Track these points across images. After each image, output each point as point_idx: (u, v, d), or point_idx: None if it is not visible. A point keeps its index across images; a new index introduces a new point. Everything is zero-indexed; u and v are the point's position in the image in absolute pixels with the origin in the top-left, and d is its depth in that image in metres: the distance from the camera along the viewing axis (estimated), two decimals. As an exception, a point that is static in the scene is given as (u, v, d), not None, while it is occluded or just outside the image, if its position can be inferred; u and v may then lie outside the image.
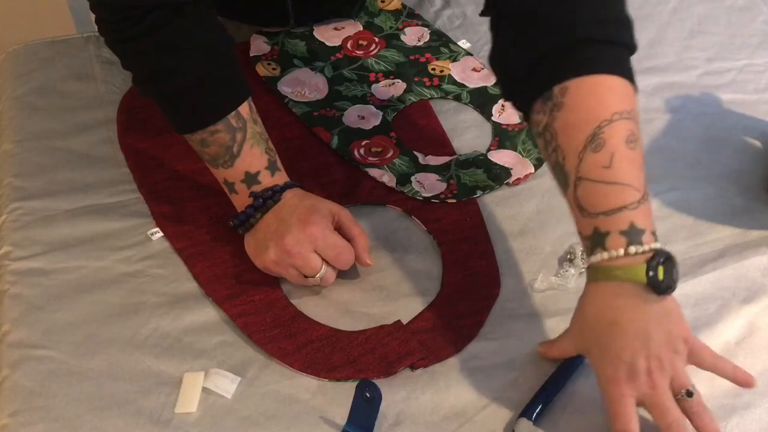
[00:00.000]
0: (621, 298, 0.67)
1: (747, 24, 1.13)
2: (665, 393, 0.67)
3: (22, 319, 0.79)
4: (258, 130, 0.82)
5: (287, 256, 0.78)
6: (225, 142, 0.80)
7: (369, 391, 0.67)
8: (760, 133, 0.98)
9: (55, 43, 1.08)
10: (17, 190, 0.90)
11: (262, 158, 0.82)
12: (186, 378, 0.74)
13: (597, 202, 0.68)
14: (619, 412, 0.66)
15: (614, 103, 0.69)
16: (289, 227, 0.78)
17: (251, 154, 0.81)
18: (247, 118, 0.81)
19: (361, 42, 1.06)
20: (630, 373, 0.66)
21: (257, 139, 0.82)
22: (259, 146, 0.82)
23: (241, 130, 0.81)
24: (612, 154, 0.67)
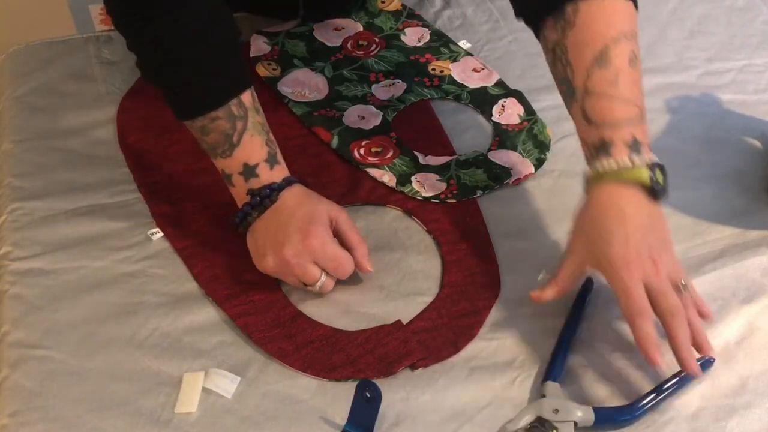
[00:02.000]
0: (624, 198, 0.73)
1: (747, 24, 1.13)
2: (666, 280, 0.72)
3: (22, 319, 0.79)
4: (260, 120, 0.81)
5: (286, 266, 0.78)
6: (225, 130, 0.79)
7: (369, 391, 0.67)
8: (760, 133, 0.98)
9: (55, 44, 1.08)
10: (17, 190, 0.90)
11: (261, 149, 0.80)
12: (186, 378, 0.74)
13: (604, 114, 0.74)
14: (632, 294, 0.70)
15: (620, 25, 0.77)
16: (288, 237, 0.78)
17: (251, 144, 0.80)
18: (248, 107, 0.80)
19: (362, 42, 1.06)
20: (638, 254, 0.71)
21: (258, 129, 0.81)
22: (259, 136, 0.80)
23: (241, 119, 0.79)
24: (617, 72, 0.75)
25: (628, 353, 0.76)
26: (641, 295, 0.71)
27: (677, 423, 0.71)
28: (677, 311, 0.70)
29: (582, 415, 0.70)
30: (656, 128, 0.98)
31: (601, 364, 0.76)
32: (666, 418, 0.72)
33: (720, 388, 0.74)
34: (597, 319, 0.79)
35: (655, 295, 0.71)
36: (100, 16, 1.78)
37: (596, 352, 0.77)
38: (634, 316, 0.70)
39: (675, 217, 0.88)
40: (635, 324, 0.70)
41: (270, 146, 0.82)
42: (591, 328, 0.78)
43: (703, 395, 0.74)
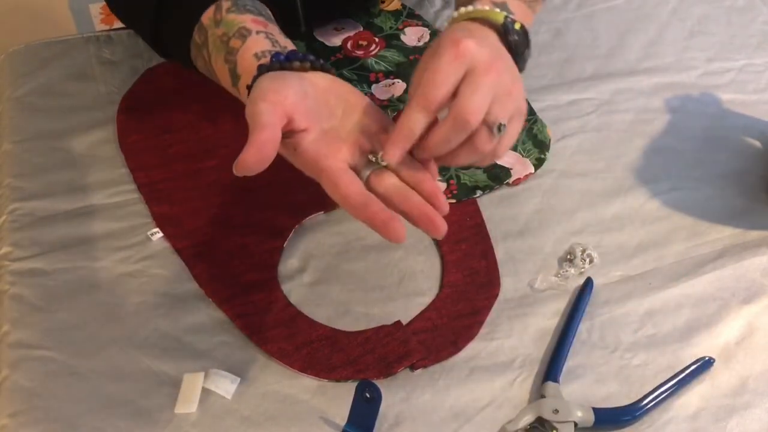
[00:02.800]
0: (474, 28, 0.64)
1: (747, 24, 1.13)
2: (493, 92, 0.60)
3: (22, 319, 0.79)
4: (219, 33, 0.69)
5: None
6: (204, 67, 0.72)
7: (369, 392, 0.67)
8: (760, 133, 0.98)
9: (55, 44, 1.08)
10: (17, 190, 0.90)
11: (224, 70, 0.69)
12: (186, 378, 0.74)
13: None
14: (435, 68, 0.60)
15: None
16: None
17: (220, 71, 0.70)
18: (208, 26, 0.70)
19: (361, 42, 1.06)
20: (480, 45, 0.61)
21: (217, 46, 0.69)
22: (219, 55, 0.69)
23: (205, 46, 0.70)
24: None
25: (628, 353, 0.77)
26: (446, 81, 0.59)
27: (677, 423, 0.72)
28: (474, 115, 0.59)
29: (582, 415, 0.70)
30: (656, 128, 0.98)
31: (601, 364, 0.76)
32: (666, 418, 0.72)
33: (720, 388, 0.74)
34: (597, 319, 0.79)
35: (465, 90, 0.59)
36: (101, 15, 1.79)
37: (596, 352, 0.77)
38: (416, 100, 0.60)
39: (675, 217, 0.88)
40: (409, 110, 0.60)
41: (229, 61, 0.68)
42: (591, 328, 0.78)
43: (703, 395, 0.74)
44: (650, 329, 0.78)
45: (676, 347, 0.77)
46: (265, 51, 0.66)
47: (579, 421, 0.70)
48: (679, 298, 0.81)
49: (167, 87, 1.00)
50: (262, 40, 0.68)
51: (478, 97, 0.59)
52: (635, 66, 1.06)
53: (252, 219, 0.87)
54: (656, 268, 0.84)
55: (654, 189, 0.91)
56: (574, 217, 0.88)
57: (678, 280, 0.82)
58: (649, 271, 0.83)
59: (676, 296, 0.81)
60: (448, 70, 0.59)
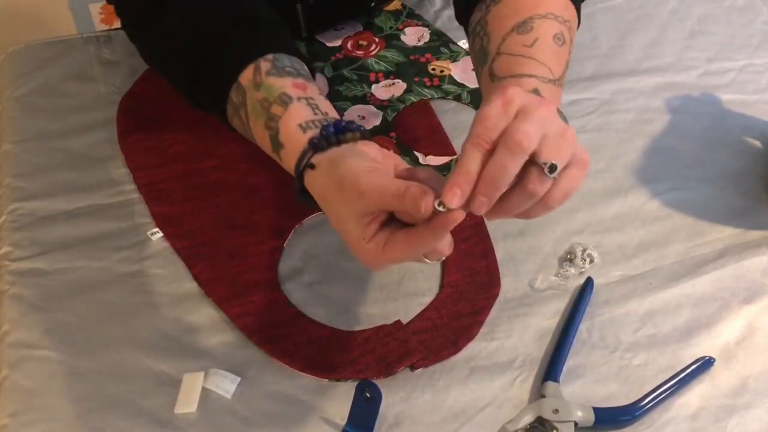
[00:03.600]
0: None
1: (747, 24, 1.13)
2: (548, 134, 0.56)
3: (22, 319, 0.79)
4: (259, 97, 0.68)
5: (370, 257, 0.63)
6: (241, 127, 0.71)
7: (369, 392, 0.67)
8: (760, 133, 0.98)
9: (55, 44, 1.08)
10: (17, 190, 0.90)
11: (263, 135, 0.68)
12: (186, 378, 0.74)
13: (512, 68, 0.66)
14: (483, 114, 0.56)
15: (552, 6, 0.69)
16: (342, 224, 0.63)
17: (259, 134, 0.69)
18: (246, 87, 0.69)
19: (361, 42, 1.06)
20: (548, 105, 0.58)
21: (257, 111, 0.68)
22: (259, 120, 0.68)
23: (243, 106, 0.69)
24: (537, 39, 0.67)
25: (628, 353, 0.77)
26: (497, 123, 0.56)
27: (677, 423, 0.72)
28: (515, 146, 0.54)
29: (582, 415, 0.70)
30: (656, 128, 0.98)
31: (601, 364, 0.76)
32: (666, 418, 0.72)
33: (720, 388, 0.74)
34: (597, 319, 0.79)
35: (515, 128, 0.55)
36: (101, 15, 1.78)
37: (596, 352, 0.77)
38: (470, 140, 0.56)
39: (675, 217, 0.88)
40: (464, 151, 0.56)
41: (270, 127, 0.67)
42: (591, 328, 0.78)
43: (703, 395, 0.74)
44: (650, 329, 0.78)
45: (677, 347, 0.77)
46: (308, 121, 0.66)
47: (579, 420, 0.70)
48: (679, 298, 0.81)
49: (167, 87, 1.00)
50: (303, 109, 0.67)
51: (527, 124, 0.55)
52: (635, 66, 1.06)
53: (252, 219, 0.87)
54: (656, 268, 0.84)
55: (654, 189, 0.91)
56: (574, 217, 0.88)
57: (678, 280, 0.82)
58: (650, 271, 0.83)
59: (676, 296, 0.81)
60: (499, 111, 0.56)
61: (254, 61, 0.69)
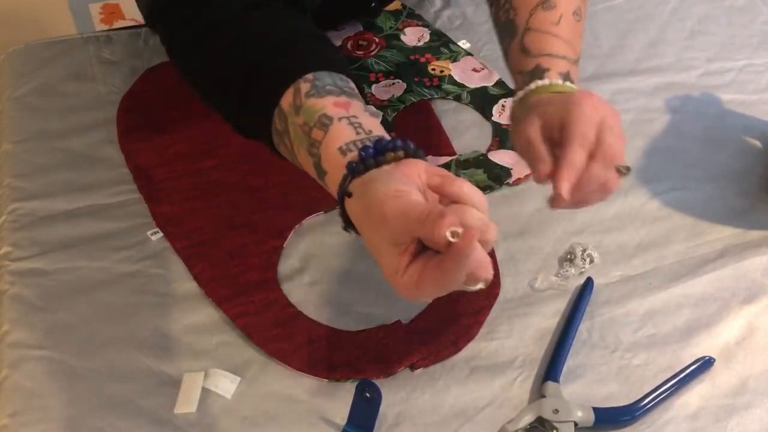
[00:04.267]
0: None
1: (747, 24, 1.13)
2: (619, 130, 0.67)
3: (22, 319, 0.79)
4: (300, 122, 0.64)
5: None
6: (288, 155, 0.68)
7: (369, 392, 0.67)
8: (760, 133, 0.98)
9: (55, 44, 1.08)
10: (17, 190, 0.90)
11: (307, 161, 0.64)
12: (186, 378, 0.74)
13: (542, 46, 0.75)
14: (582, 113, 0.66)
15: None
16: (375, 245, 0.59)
17: (304, 160, 0.65)
18: (288, 113, 0.65)
19: (361, 42, 1.06)
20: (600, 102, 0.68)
21: (299, 137, 0.64)
22: (302, 147, 0.64)
23: (286, 133, 0.66)
24: (561, 16, 0.76)
25: (628, 353, 0.77)
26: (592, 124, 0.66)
27: (677, 423, 0.72)
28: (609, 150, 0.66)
29: (582, 415, 0.70)
30: (656, 128, 0.98)
31: (601, 364, 0.76)
32: (666, 418, 0.72)
33: (720, 388, 0.74)
34: (597, 319, 0.79)
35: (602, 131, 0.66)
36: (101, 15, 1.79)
37: (596, 352, 0.77)
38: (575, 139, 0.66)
39: (675, 217, 0.88)
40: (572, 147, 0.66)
41: (313, 154, 0.63)
42: (591, 328, 0.78)
43: (703, 395, 0.74)
44: (650, 329, 0.78)
45: (677, 347, 0.77)
46: (349, 143, 0.61)
47: (579, 421, 0.70)
48: (679, 298, 0.81)
49: (167, 87, 1.00)
50: (344, 129, 0.62)
51: (615, 138, 0.66)
52: (635, 66, 1.06)
53: (252, 219, 0.87)
54: (656, 268, 0.84)
55: (654, 189, 0.91)
56: (574, 217, 0.88)
57: (678, 280, 0.82)
58: (650, 271, 0.83)
59: (676, 296, 0.81)
60: (593, 115, 0.66)
61: (294, 84, 0.65)
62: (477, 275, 0.54)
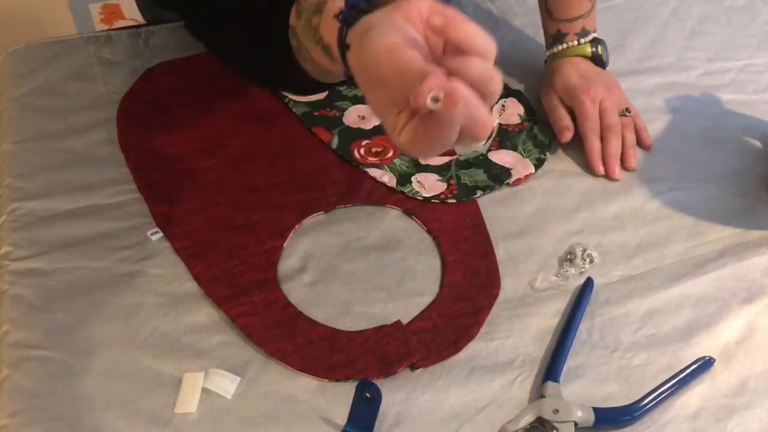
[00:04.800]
0: (576, 61, 0.99)
1: (747, 24, 1.13)
2: (615, 104, 0.96)
3: (22, 319, 0.79)
4: (303, 23, 0.65)
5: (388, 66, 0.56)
6: (312, 69, 0.68)
7: (369, 391, 0.67)
8: (760, 133, 0.98)
9: (55, 44, 1.08)
10: (17, 190, 0.90)
11: (317, 52, 0.64)
12: (186, 378, 0.74)
13: (564, 11, 0.99)
14: (588, 113, 0.95)
15: None
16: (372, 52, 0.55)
17: (319, 56, 0.64)
18: (295, 24, 0.66)
19: (361, 42, 1.06)
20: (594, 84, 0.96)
21: (308, 36, 0.64)
22: (312, 42, 0.64)
23: (300, 46, 0.67)
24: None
25: (628, 353, 0.77)
26: (595, 116, 0.95)
27: (677, 423, 0.72)
28: (615, 127, 0.94)
29: (582, 415, 0.70)
30: (656, 128, 0.98)
31: (601, 364, 0.76)
32: (666, 418, 0.72)
33: (720, 388, 0.74)
34: (597, 319, 0.79)
35: (602, 114, 0.95)
36: (101, 15, 1.79)
37: (596, 352, 0.77)
38: (588, 132, 0.94)
39: (675, 217, 0.88)
40: (588, 138, 0.94)
41: (319, 41, 0.63)
42: (591, 328, 0.78)
43: (703, 395, 0.74)
44: (650, 329, 0.78)
45: (677, 347, 0.77)
46: (340, 8, 0.59)
47: (579, 421, 0.70)
48: (679, 298, 0.81)
49: (167, 87, 1.00)
50: (338, 3, 0.60)
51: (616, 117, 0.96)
52: (635, 66, 1.06)
53: (252, 219, 0.87)
54: (656, 268, 0.84)
55: (654, 189, 0.91)
56: (574, 217, 0.88)
57: (678, 280, 0.82)
58: (650, 271, 0.83)
59: (676, 296, 0.81)
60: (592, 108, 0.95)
61: (295, 3, 0.66)
62: (474, 134, 0.52)
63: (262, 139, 0.94)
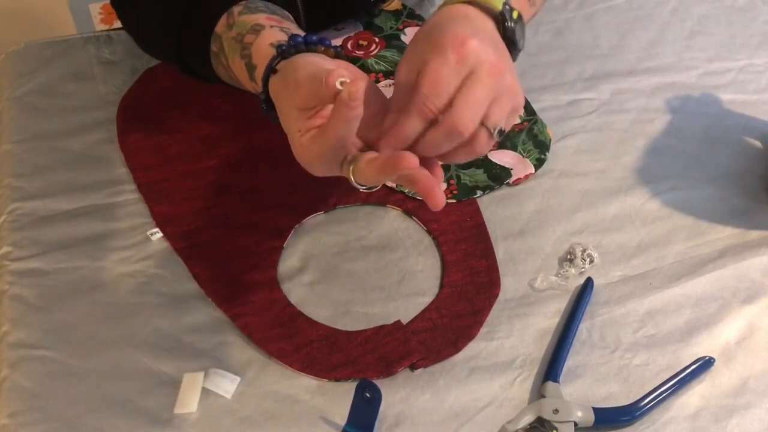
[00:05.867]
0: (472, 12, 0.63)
1: (747, 24, 1.13)
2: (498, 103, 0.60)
3: (21, 319, 0.79)
4: (233, 35, 0.69)
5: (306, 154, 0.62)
6: (224, 75, 0.74)
7: (369, 392, 0.67)
8: (760, 133, 0.98)
9: (55, 44, 1.08)
10: (17, 190, 0.90)
11: (242, 69, 0.68)
12: (186, 378, 0.74)
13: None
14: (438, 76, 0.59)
15: None
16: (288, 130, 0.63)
17: (239, 71, 0.70)
18: (221, 33, 0.71)
19: (361, 42, 1.06)
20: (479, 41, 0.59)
21: (233, 48, 0.69)
22: (236, 55, 0.69)
23: (222, 52, 0.71)
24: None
25: (628, 353, 0.77)
26: (449, 89, 0.58)
27: (677, 423, 0.72)
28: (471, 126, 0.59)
29: (582, 415, 0.70)
30: (656, 128, 0.98)
31: (601, 364, 0.76)
32: (666, 418, 0.72)
33: (720, 388, 0.74)
34: (597, 319, 0.79)
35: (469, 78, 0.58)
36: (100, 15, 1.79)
37: (596, 352, 0.77)
38: (418, 106, 0.60)
39: (675, 217, 0.88)
40: (410, 116, 0.60)
41: (245, 56, 0.67)
42: (591, 328, 0.78)
43: (703, 395, 0.74)
44: (650, 329, 0.78)
45: (677, 347, 0.77)
46: (281, 41, 0.64)
47: (579, 421, 0.70)
48: (679, 298, 0.81)
49: (167, 87, 1.00)
50: (276, 33, 0.66)
51: (475, 107, 0.58)
52: (635, 66, 1.06)
53: (252, 219, 0.87)
54: (656, 268, 0.84)
55: (654, 189, 0.91)
56: (574, 217, 0.88)
57: (678, 280, 0.82)
58: (650, 271, 0.83)
59: (676, 296, 0.81)
60: (451, 74, 0.58)
61: (227, 12, 0.72)
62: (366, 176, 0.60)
63: (262, 139, 0.94)
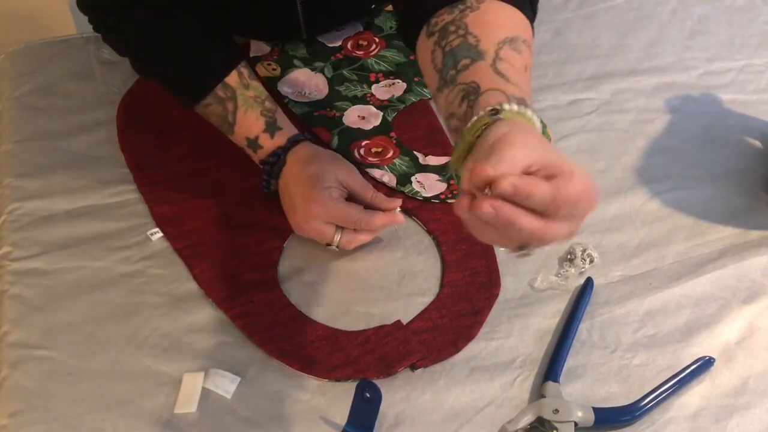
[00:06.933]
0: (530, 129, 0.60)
1: (747, 24, 1.13)
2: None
3: (22, 319, 0.79)
4: (251, 95, 0.85)
5: (302, 231, 0.83)
6: (219, 113, 0.85)
7: (369, 392, 0.67)
8: (760, 133, 0.98)
9: (55, 43, 1.08)
10: (17, 190, 0.90)
11: (258, 122, 0.85)
12: (186, 378, 0.74)
13: (520, 84, 0.65)
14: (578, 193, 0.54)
15: (524, 31, 0.71)
16: (295, 204, 0.81)
17: (246, 120, 0.85)
18: (235, 86, 0.85)
19: (361, 42, 1.06)
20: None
21: (250, 104, 0.85)
22: (253, 110, 0.85)
23: (230, 100, 0.85)
24: (525, 66, 0.68)
25: (628, 353, 0.77)
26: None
27: (677, 423, 0.72)
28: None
29: (582, 415, 0.70)
30: (656, 128, 0.98)
31: (601, 364, 0.76)
32: (666, 418, 0.72)
33: (720, 388, 0.74)
34: (597, 319, 0.79)
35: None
36: (100, 16, 1.78)
37: (596, 352, 0.77)
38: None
39: (675, 217, 0.88)
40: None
41: (267, 116, 0.85)
42: (591, 328, 0.78)
43: (703, 395, 0.74)
44: (650, 329, 0.78)
45: (677, 347, 0.77)
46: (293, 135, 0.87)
47: (579, 420, 0.70)
48: (679, 298, 0.81)
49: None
50: (287, 127, 0.87)
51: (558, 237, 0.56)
52: (635, 66, 1.06)
53: (252, 219, 0.87)
54: (656, 268, 0.84)
55: (654, 189, 0.91)
56: (574, 217, 0.88)
57: (678, 280, 0.82)
58: (650, 271, 0.83)
59: (676, 296, 0.81)
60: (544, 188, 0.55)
61: (236, 68, 0.85)
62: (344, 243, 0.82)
63: (262, 139, 0.94)
